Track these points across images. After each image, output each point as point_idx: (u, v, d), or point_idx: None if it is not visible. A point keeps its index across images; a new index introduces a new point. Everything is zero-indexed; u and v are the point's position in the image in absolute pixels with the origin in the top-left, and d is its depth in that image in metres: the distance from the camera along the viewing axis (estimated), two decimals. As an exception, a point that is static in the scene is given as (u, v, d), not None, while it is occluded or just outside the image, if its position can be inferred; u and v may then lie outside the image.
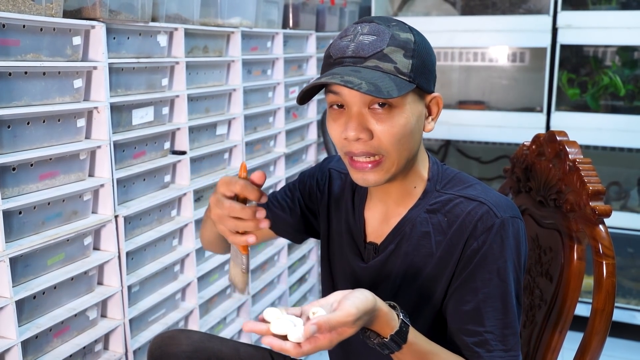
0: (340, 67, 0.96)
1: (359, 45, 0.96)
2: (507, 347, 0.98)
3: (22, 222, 1.28)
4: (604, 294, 1.09)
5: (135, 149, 1.60)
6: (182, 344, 1.24)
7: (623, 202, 2.72)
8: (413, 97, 0.98)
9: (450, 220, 1.03)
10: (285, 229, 1.29)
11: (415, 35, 0.99)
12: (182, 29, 1.69)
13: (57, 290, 1.38)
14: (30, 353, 1.32)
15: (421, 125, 1.02)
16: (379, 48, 0.95)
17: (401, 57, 0.95)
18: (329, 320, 0.81)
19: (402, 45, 0.96)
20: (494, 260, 0.98)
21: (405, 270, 1.07)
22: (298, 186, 1.27)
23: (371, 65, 0.95)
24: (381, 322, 0.89)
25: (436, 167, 1.09)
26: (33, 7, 1.25)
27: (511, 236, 0.99)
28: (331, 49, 1.00)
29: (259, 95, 2.17)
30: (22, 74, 1.25)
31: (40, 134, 1.32)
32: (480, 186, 1.06)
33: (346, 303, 0.84)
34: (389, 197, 1.09)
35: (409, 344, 0.91)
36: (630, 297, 2.64)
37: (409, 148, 1.00)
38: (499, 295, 0.98)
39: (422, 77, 0.98)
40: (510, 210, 1.01)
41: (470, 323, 0.99)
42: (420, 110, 1.01)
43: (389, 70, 0.95)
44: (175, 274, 1.78)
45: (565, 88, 2.67)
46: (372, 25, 0.97)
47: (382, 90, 0.91)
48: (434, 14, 2.97)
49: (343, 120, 0.99)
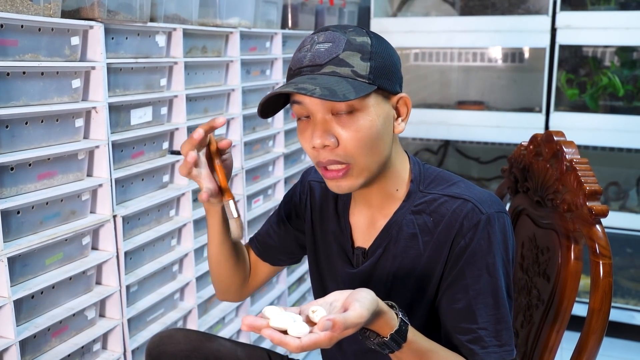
0: (299, 77, 0.97)
1: (315, 53, 0.96)
2: (501, 342, 0.99)
3: (20, 221, 1.29)
4: (601, 293, 1.10)
5: (133, 149, 1.60)
6: (180, 343, 1.24)
7: (622, 203, 2.72)
8: (377, 98, 0.98)
9: (436, 220, 1.03)
10: (278, 255, 1.30)
11: (372, 38, 0.98)
12: (181, 29, 1.69)
13: (55, 290, 1.38)
14: (29, 352, 1.32)
15: (389, 127, 1.01)
16: (334, 54, 0.95)
17: (358, 60, 0.95)
18: (345, 320, 0.80)
19: (359, 48, 0.96)
20: (482, 257, 0.99)
21: (395, 272, 1.07)
22: (284, 208, 1.28)
23: (328, 72, 0.95)
24: (381, 321, 0.89)
25: (417, 167, 1.09)
26: (31, 7, 1.25)
27: (498, 231, 1.00)
28: (291, 61, 1.01)
29: (257, 96, 2.17)
30: (21, 74, 1.26)
31: (39, 134, 1.33)
32: (464, 183, 1.06)
33: (356, 305, 0.83)
34: (371, 201, 1.09)
35: (409, 342, 0.91)
36: (629, 297, 2.65)
37: (379, 152, 0.99)
38: (490, 291, 0.99)
39: (383, 79, 0.97)
40: (495, 205, 1.02)
41: (463, 321, 1.00)
42: (387, 112, 1.00)
43: (347, 75, 0.94)
44: (174, 273, 1.78)
45: (564, 88, 2.67)
46: (327, 33, 0.98)
47: (338, 94, 0.91)
48: (433, 14, 2.97)
49: (310, 131, 0.99)
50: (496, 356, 0.99)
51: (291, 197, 1.27)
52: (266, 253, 1.30)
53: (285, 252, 1.29)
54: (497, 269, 0.99)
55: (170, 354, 1.23)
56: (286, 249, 1.29)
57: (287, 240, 1.28)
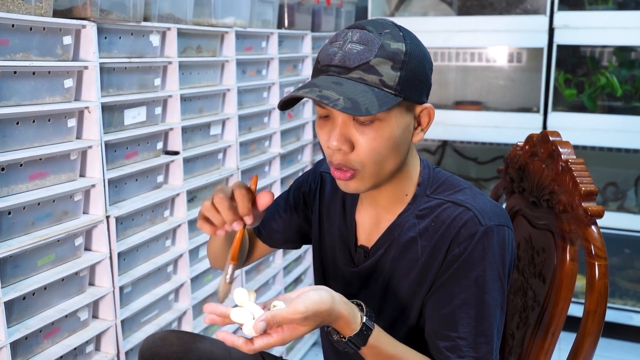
0: (325, 75, 0.95)
1: (346, 54, 0.93)
2: (478, 355, 0.98)
3: (11, 222, 1.28)
4: (597, 295, 1.09)
5: (127, 149, 1.59)
6: (173, 345, 1.24)
7: (620, 203, 2.71)
8: (400, 109, 0.96)
9: (437, 226, 1.02)
10: (279, 239, 1.29)
11: (407, 44, 0.95)
12: (175, 28, 1.68)
13: (47, 291, 1.37)
14: (20, 354, 1.31)
15: (408, 137, 1.00)
16: (365, 59, 0.92)
17: (388, 69, 0.92)
18: (274, 316, 0.82)
19: (391, 56, 0.93)
20: (473, 268, 0.98)
21: (392, 274, 1.06)
22: (293, 194, 1.27)
23: (355, 77, 0.92)
24: (341, 323, 0.90)
25: (427, 171, 1.08)
26: (22, 7, 1.24)
27: (495, 244, 0.98)
28: (321, 53, 0.98)
29: (253, 96, 2.16)
30: (12, 74, 1.25)
31: (30, 134, 1.32)
32: (471, 191, 1.04)
33: (297, 301, 0.85)
34: (379, 202, 1.09)
35: (369, 346, 0.92)
36: (627, 298, 2.64)
37: (392, 160, 0.98)
38: (475, 303, 0.98)
39: (411, 89, 0.95)
40: (497, 217, 1.00)
41: (445, 327, 0.99)
42: (408, 122, 0.99)
43: (374, 83, 0.92)
44: (168, 274, 1.77)
45: (562, 88, 2.66)
46: (362, 32, 0.94)
47: (360, 107, 0.89)
48: (430, 14, 2.96)
49: (328, 128, 0.98)
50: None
51: (301, 184, 1.26)
52: (268, 236, 1.29)
53: (286, 238, 1.29)
54: (486, 282, 0.98)
55: (163, 356, 1.23)
56: (288, 234, 1.28)
57: (290, 226, 1.27)
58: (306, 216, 1.26)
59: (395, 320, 1.07)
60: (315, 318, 0.85)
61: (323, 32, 2.62)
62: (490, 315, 0.98)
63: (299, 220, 1.26)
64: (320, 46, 2.65)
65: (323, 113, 0.98)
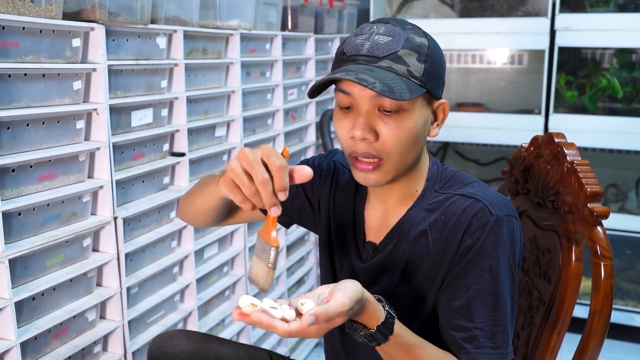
0: (354, 64, 0.96)
1: (374, 44, 0.96)
2: (495, 345, 0.99)
3: (21, 223, 1.29)
4: (602, 295, 1.10)
5: (134, 150, 1.60)
6: (182, 344, 1.25)
7: (621, 204, 2.73)
8: (422, 101, 0.99)
9: (447, 218, 1.03)
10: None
11: (429, 40, 1.00)
12: (181, 31, 1.69)
13: (56, 292, 1.38)
14: (29, 354, 1.32)
15: (427, 131, 1.03)
16: (393, 49, 0.95)
17: (414, 60, 0.96)
18: (326, 311, 0.82)
19: (417, 49, 0.97)
20: (486, 257, 0.99)
21: (403, 268, 1.07)
22: None
23: (385, 66, 0.95)
24: (368, 313, 0.90)
25: (436, 167, 1.10)
26: (32, 9, 1.25)
27: (505, 234, 1.00)
28: (345, 45, 1.00)
29: (257, 97, 2.17)
30: (22, 76, 1.26)
31: (40, 136, 1.33)
32: (478, 184, 1.07)
33: (339, 294, 0.85)
34: (389, 198, 1.10)
35: (395, 335, 0.92)
36: (628, 298, 2.65)
37: (412, 152, 1.01)
38: (490, 292, 0.99)
39: (432, 83, 0.99)
40: (506, 208, 1.02)
41: (460, 318, 1.00)
42: (428, 116, 1.02)
43: (402, 73, 0.95)
44: (174, 275, 1.78)
45: (563, 90, 2.67)
46: (387, 26, 0.98)
47: (395, 92, 0.92)
48: (432, 16, 2.98)
49: (351, 119, 0.99)
50: (488, 357, 0.99)
51: (313, 165, 1.21)
52: None
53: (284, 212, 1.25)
54: (499, 272, 0.99)
55: (171, 355, 1.23)
56: (287, 212, 1.25)
57: (292, 204, 1.24)
58: (308, 197, 1.23)
59: (408, 315, 1.07)
60: (354, 308, 0.86)
61: (326, 34, 2.64)
62: (504, 304, 1.00)
63: (300, 201, 1.23)
64: (323, 48, 2.66)
65: (345, 103, 0.99)
